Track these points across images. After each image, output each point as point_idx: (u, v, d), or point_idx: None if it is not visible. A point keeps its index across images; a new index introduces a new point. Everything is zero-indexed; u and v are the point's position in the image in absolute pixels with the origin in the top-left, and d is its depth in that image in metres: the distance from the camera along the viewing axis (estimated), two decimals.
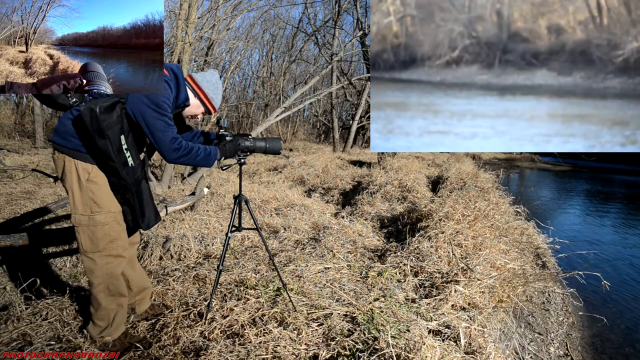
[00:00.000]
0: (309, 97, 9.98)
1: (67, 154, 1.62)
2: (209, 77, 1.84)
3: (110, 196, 1.69)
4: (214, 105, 1.87)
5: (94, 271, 1.70)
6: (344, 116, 20.85)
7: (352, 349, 1.77)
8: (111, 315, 1.78)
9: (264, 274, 2.60)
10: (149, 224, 1.79)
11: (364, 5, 10.40)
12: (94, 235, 1.66)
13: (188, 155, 1.69)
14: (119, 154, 1.58)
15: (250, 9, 8.59)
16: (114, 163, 1.58)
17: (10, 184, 5.11)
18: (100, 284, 1.71)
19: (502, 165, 13.77)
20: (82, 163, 1.62)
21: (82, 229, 1.66)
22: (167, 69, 1.73)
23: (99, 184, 1.65)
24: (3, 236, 2.25)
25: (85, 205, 1.64)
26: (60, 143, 1.62)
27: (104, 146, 1.53)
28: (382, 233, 3.91)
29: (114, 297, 1.76)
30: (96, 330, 1.78)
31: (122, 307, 1.82)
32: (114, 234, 1.71)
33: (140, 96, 1.60)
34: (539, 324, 2.85)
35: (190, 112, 1.88)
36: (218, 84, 1.88)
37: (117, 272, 1.76)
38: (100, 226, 1.66)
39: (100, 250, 1.69)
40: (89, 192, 1.64)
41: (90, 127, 1.49)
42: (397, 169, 7.44)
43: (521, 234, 4.10)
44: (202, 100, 1.84)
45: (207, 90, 1.82)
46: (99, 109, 1.47)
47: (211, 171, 6.51)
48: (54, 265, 2.84)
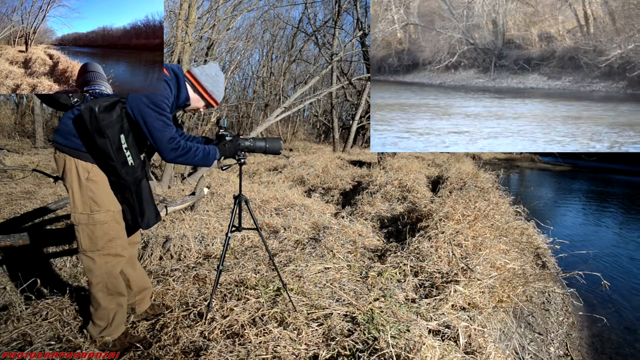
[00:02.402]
0: (309, 97, 9.99)
1: (68, 153, 1.63)
2: (208, 71, 1.84)
3: (109, 195, 1.69)
4: (214, 98, 1.87)
5: (93, 270, 1.70)
6: (344, 116, 20.85)
7: (352, 349, 1.77)
8: (110, 315, 1.77)
9: (264, 274, 2.60)
10: (149, 224, 1.79)
11: (364, 5, 10.42)
12: (93, 234, 1.67)
13: (186, 154, 1.70)
14: (118, 153, 1.58)
15: (250, 9, 8.59)
16: (113, 162, 1.58)
17: (10, 184, 5.11)
18: (99, 283, 1.71)
19: (502, 165, 13.76)
20: (82, 162, 1.63)
21: (81, 227, 1.66)
22: (167, 69, 1.74)
23: (98, 183, 1.65)
24: (3, 236, 2.25)
25: (84, 204, 1.65)
26: (61, 142, 1.63)
27: (103, 145, 1.54)
28: (382, 233, 3.91)
29: (112, 297, 1.76)
30: (96, 330, 1.78)
31: (121, 306, 1.82)
32: (113, 233, 1.71)
33: (140, 96, 1.60)
34: (539, 324, 2.85)
35: (191, 107, 1.89)
36: (218, 77, 1.87)
37: (115, 271, 1.75)
38: (100, 225, 1.66)
39: (99, 249, 1.69)
40: (89, 191, 1.64)
41: (89, 127, 1.50)
42: (397, 169, 7.44)
43: (521, 234, 4.09)
44: (201, 94, 1.84)
45: (205, 84, 1.83)
46: (98, 108, 1.48)
47: (211, 171, 6.51)
48: (54, 265, 2.84)
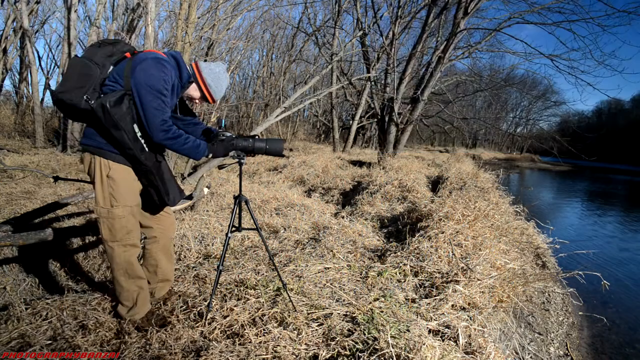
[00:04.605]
0: (309, 97, 9.98)
1: (91, 152, 1.78)
2: (213, 67, 1.93)
3: (128, 192, 1.82)
4: (210, 93, 1.94)
5: (114, 257, 1.86)
6: (344, 116, 20.84)
7: (352, 349, 1.77)
8: (134, 296, 1.94)
9: (264, 274, 2.59)
10: (175, 200, 1.93)
11: (363, 5, 10.41)
12: (112, 226, 1.82)
13: (176, 139, 1.76)
14: (135, 142, 1.71)
15: (250, 9, 8.59)
16: (132, 151, 1.72)
17: (10, 184, 5.10)
18: (120, 269, 1.88)
19: (502, 165, 13.76)
20: (103, 160, 1.77)
21: (102, 220, 1.82)
22: (165, 54, 1.81)
23: (117, 180, 1.78)
24: (3, 236, 2.25)
25: (105, 199, 1.79)
26: (86, 143, 1.78)
27: (120, 137, 1.67)
28: (382, 233, 3.91)
29: (133, 280, 1.92)
30: (124, 310, 1.96)
31: (142, 288, 1.97)
32: (130, 226, 1.86)
33: (141, 77, 1.66)
34: (539, 324, 2.85)
35: (188, 93, 1.96)
36: (221, 75, 1.93)
37: (133, 258, 1.90)
38: (118, 219, 1.81)
39: (118, 240, 1.84)
40: (109, 187, 1.78)
41: (105, 122, 1.64)
42: (397, 169, 7.44)
43: (521, 234, 4.09)
44: (199, 84, 1.92)
45: (205, 76, 1.91)
46: (109, 103, 1.61)
47: (211, 171, 6.51)
48: (54, 265, 2.84)
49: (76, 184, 5.25)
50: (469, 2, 8.21)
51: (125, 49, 1.79)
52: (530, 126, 40.48)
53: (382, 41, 9.42)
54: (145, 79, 1.66)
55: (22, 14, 8.66)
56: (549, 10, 7.91)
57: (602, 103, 55.32)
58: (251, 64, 20.59)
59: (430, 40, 10.31)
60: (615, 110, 53.61)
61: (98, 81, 1.70)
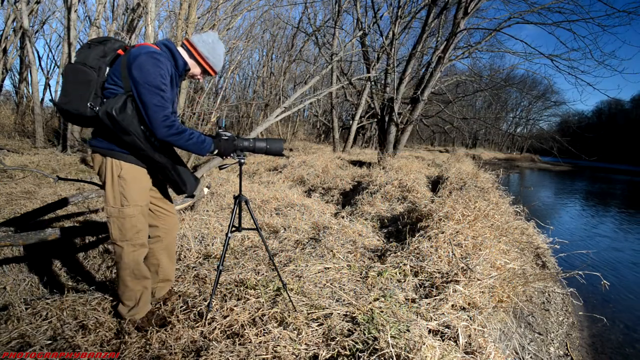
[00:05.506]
0: (309, 97, 9.98)
1: (101, 153, 1.78)
2: (205, 38, 1.90)
3: (138, 191, 1.83)
4: (210, 65, 1.93)
5: (122, 257, 1.86)
6: (344, 116, 20.85)
7: (352, 349, 1.77)
8: (137, 296, 1.94)
9: (264, 274, 2.59)
10: (192, 189, 1.95)
11: (363, 5, 10.41)
12: (122, 226, 1.82)
13: (180, 135, 1.74)
14: (146, 143, 1.72)
15: (250, 9, 8.59)
16: (145, 152, 1.74)
17: (10, 184, 5.10)
18: (127, 269, 1.88)
19: (502, 165, 13.76)
20: (115, 160, 1.77)
21: (112, 219, 1.83)
22: (157, 45, 1.79)
23: (128, 180, 1.79)
24: (3, 236, 2.25)
25: (115, 199, 1.80)
26: (96, 145, 1.79)
27: (132, 141, 1.69)
28: (382, 233, 3.91)
29: (139, 280, 1.93)
30: (125, 309, 1.95)
31: (146, 288, 1.98)
32: (140, 226, 1.87)
33: (138, 74, 1.64)
34: (539, 324, 2.85)
35: (190, 73, 1.95)
36: (216, 44, 1.91)
37: (141, 258, 1.92)
38: (128, 218, 1.82)
39: (127, 240, 1.85)
40: (120, 187, 1.79)
41: (114, 129, 1.66)
42: (397, 169, 7.43)
43: (521, 233, 4.09)
44: (198, 60, 1.90)
45: (201, 49, 1.88)
46: (114, 111, 1.62)
47: (211, 171, 6.51)
48: (54, 265, 2.84)
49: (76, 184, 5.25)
50: (469, 2, 8.21)
51: (117, 46, 1.76)
52: (530, 126, 40.52)
53: (382, 41, 9.42)
54: (142, 77, 1.64)
55: (22, 14, 8.67)
56: (549, 10, 7.91)
57: (602, 103, 55.42)
58: (251, 64, 20.63)
59: (430, 40, 10.32)
60: (615, 110, 53.65)
61: (98, 86, 1.69)
